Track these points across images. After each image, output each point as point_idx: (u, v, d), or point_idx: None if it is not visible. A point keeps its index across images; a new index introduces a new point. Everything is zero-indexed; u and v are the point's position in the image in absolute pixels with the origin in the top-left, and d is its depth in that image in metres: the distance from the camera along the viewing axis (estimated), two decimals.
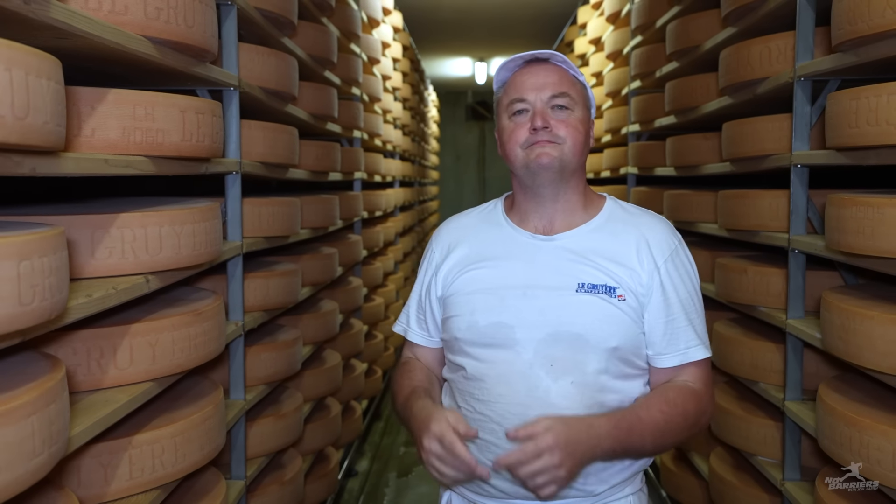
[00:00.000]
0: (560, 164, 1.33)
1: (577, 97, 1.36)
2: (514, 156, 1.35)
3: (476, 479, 1.26)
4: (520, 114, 1.35)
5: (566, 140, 1.33)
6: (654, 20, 3.51)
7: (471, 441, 1.33)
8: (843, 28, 1.73)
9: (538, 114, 1.33)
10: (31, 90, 1.03)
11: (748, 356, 2.39)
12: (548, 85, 1.34)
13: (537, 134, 1.32)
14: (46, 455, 1.05)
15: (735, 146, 2.49)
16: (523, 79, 1.36)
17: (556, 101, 1.33)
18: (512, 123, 1.35)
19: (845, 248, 1.74)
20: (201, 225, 1.68)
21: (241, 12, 2.12)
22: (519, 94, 1.35)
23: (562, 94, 1.33)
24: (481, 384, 1.33)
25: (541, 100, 1.33)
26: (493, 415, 1.31)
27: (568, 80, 1.36)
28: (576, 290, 1.30)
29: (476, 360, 1.34)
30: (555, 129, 1.32)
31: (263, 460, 2.38)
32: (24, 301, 1.00)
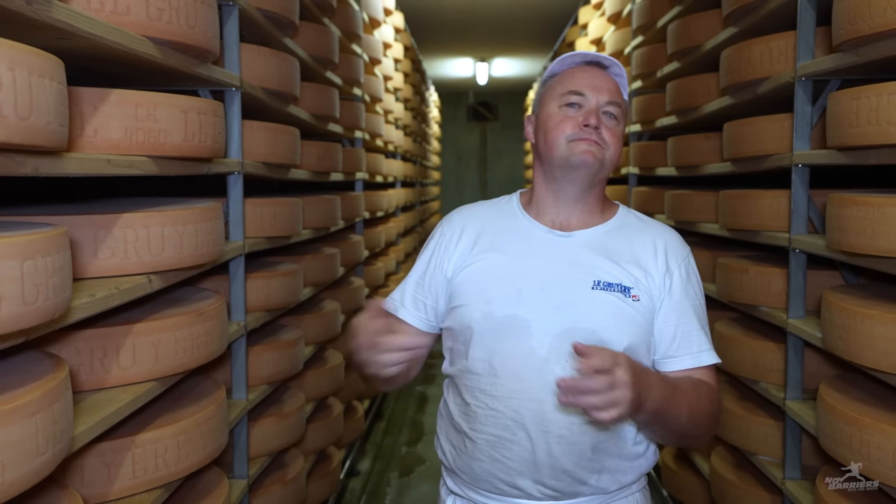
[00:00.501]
0: (599, 167, 1.33)
1: (623, 110, 1.37)
2: (556, 144, 1.33)
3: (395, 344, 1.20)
4: (572, 106, 1.34)
5: (610, 147, 1.33)
6: (655, 20, 3.51)
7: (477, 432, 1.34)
8: (844, 28, 1.74)
9: (593, 112, 1.32)
10: (34, 90, 1.03)
11: (749, 355, 2.39)
12: (606, 90, 1.34)
13: (587, 131, 1.31)
14: (50, 454, 1.06)
15: (736, 146, 2.49)
16: (583, 75, 1.36)
17: (610, 109, 1.33)
18: (561, 113, 1.34)
19: (846, 247, 1.75)
20: (203, 225, 1.69)
21: (243, 13, 2.13)
22: (578, 87, 1.34)
23: (617, 103, 1.34)
24: (494, 379, 1.31)
25: (598, 100, 1.33)
26: (507, 410, 1.30)
27: (619, 92, 1.38)
28: (591, 288, 1.30)
29: (490, 353, 1.32)
30: (603, 132, 1.32)
31: (266, 460, 2.38)
32: (27, 300, 1.00)
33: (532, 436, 1.29)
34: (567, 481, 1.31)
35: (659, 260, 1.34)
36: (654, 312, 1.33)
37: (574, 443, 1.29)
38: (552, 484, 1.31)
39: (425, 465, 4.05)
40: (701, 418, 1.27)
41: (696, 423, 1.26)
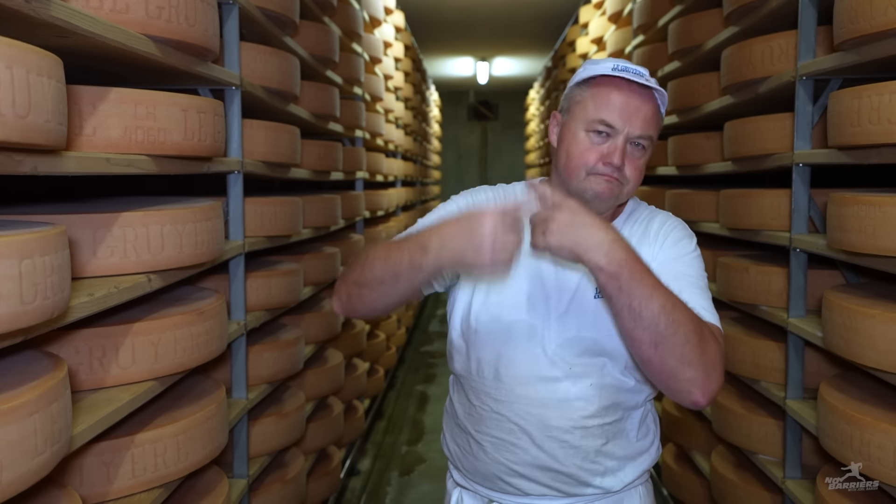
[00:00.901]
0: (615, 201, 1.30)
1: (655, 137, 1.30)
2: (576, 174, 1.28)
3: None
4: (599, 135, 1.27)
5: (629, 181, 1.28)
6: (656, 19, 3.51)
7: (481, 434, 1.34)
8: (846, 27, 1.73)
9: (619, 150, 1.25)
10: (33, 88, 1.03)
11: (749, 355, 2.39)
12: (639, 121, 1.26)
13: (607, 167, 1.26)
14: (49, 454, 1.05)
15: (737, 145, 2.49)
16: (620, 99, 1.26)
17: (640, 141, 1.27)
18: (588, 141, 1.27)
19: (847, 246, 1.74)
20: (203, 224, 1.69)
21: (243, 11, 2.12)
22: (609, 117, 1.26)
23: (648, 136, 1.27)
24: (499, 384, 1.32)
25: (627, 134, 1.26)
26: (511, 415, 1.31)
27: (656, 117, 1.29)
28: (594, 296, 1.29)
29: (495, 358, 1.32)
30: (626, 168, 1.27)
31: (266, 459, 2.38)
32: (25, 300, 1.00)
33: (535, 440, 1.30)
34: (571, 483, 1.33)
35: (660, 238, 1.32)
36: None
37: (577, 447, 1.31)
38: (556, 485, 1.33)
39: (426, 464, 4.04)
40: (681, 318, 1.10)
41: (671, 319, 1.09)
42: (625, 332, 1.14)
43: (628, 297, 1.08)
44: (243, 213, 2.17)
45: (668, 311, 1.09)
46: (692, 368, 1.11)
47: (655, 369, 1.13)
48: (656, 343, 1.10)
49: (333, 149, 3.19)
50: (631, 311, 1.09)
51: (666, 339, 1.09)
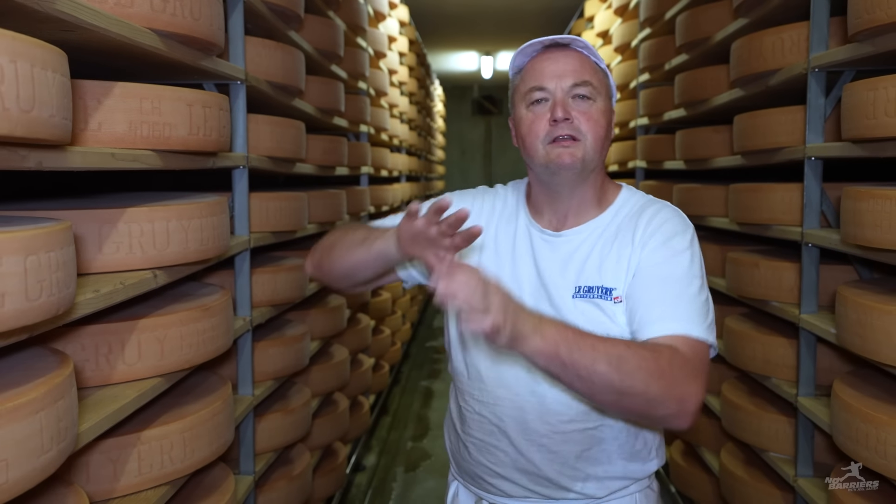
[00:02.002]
0: (582, 164, 1.25)
1: (600, 86, 1.26)
2: (534, 151, 1.27)
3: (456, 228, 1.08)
4: (538, 103, 1.25)
5: (587, 135, 1.24)
6: (664, 12, 3.47)
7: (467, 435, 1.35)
8: (861, 17, 1.70)
9: (559, 104, 1.23)
10: (37, 83, 1.01)
11: (760, 351, 2.37)
12: (569, 72, 1.24)
13: (558, 126, 1.23)
14: (55, 451, 1.04)
15: (747, 139, 2.46)
16: (543, 65, 1.26)
17: (578, 91, 1.24)
18: (531, 114, 1.26)
19: (862, 241, 1.72)
20: (209, 220, 1.67)
21: (248, 5, 2.11)
22: (538, 81, 1.25)
23: (584, 82, 1.24)
24: (481, 385, 1.32)
25: (561, 88, 1.24)
26: (491, 416, 1.31)
27: (590, 66, 1.27)
28: (573, 296, 1.25)
29: (477, 359, 1.32)
30: (576, 121, 1.23)
31: (272, 455, 2.37)
32: (31, 296, 0.99)
33: (515, 443, 1.30)
34: (552, 488, 1.31)
35: (649, 234, 1.24)
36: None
37: (556, 452, 1.29)
38: (537, 489, 1.32)
39: (431, 459, 4.03)
40: (635, 364, 1.06)
41: (623, 370, 1.05)
42: (586, 397, 1.12)
43: (574, 368, 1.04)
44: (249, 209, 2.16)
45: (617, 365, 1.05)
46: (663, 406, 1.09)
47: (632, 416, 1.15)
48: (618, 398, 1.08)
49: (338, 144, 3.17)
50: (581, 380, 1.05)
51: (625, 391, 1.06)
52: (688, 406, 1.10)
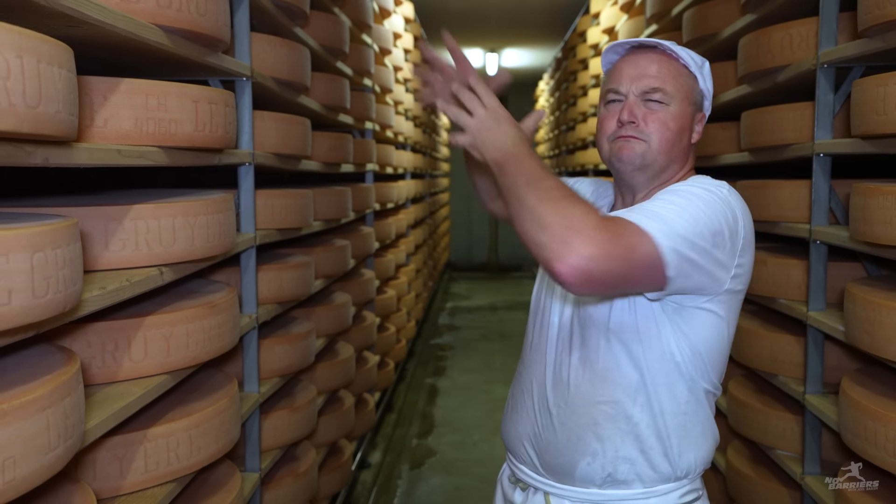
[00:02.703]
0: (642, 161, 1.29)
1: (677, 91, 1.29)
2: (601, 147, 1.34)
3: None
4: (613, 103, 1.32)
5: (652, 136, 1.28)
6: (670, 8, 3.45)
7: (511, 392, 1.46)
8: (871, 12, 1.69)
9: (627, 107, 1.29)
10: (43, 78, 1.01)
11: (767, 349, 2.36)
12: (644, 77, 1.29)
13: (623, 128, 1.29)
14: (62, 449, 1.04)
15: (754, 135, 2.45)
16: (622, 67, 1.32)
17: (650, 96, 1.29)
18: (604, 111, 1.34)
19: (871, 238, 1.71)
20: (215, 217, 1.67)
21: (254, 1, 2.10)
22: (615, 83, 1.32)
23: (655, 89, 1.28)
24: (529, 349, 1.44)
25: (633, 92, 1.29)
26: (526, 378, 1.42)
27: (671, 72, 1.29)
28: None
29: (534, 325, 1.44)
30: (643, 123, 1.28)
31: (278, 453, 2.37)
32: (37, 293, 0.98)
33: (535, 406, 1.37)
34: (560, 460, 1.33)
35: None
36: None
37: (563, 422, 1.33)
38: (548, 459, 1.35)
39: (436, 457, 4.03)
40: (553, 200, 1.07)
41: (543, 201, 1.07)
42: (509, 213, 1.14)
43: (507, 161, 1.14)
44: (254, 206, 2.15)
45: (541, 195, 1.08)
46: (546, 232, 1.05)
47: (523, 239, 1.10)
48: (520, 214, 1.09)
49: (344, 141, 3.16)
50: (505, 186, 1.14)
51: (530, 208, 1.08)
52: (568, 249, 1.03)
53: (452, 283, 10.49)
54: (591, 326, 1.30)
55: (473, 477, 3.73)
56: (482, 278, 10.94)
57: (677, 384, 1.28)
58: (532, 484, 1.38)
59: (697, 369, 1.29)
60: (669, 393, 1.28)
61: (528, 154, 1.15)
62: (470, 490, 3.61)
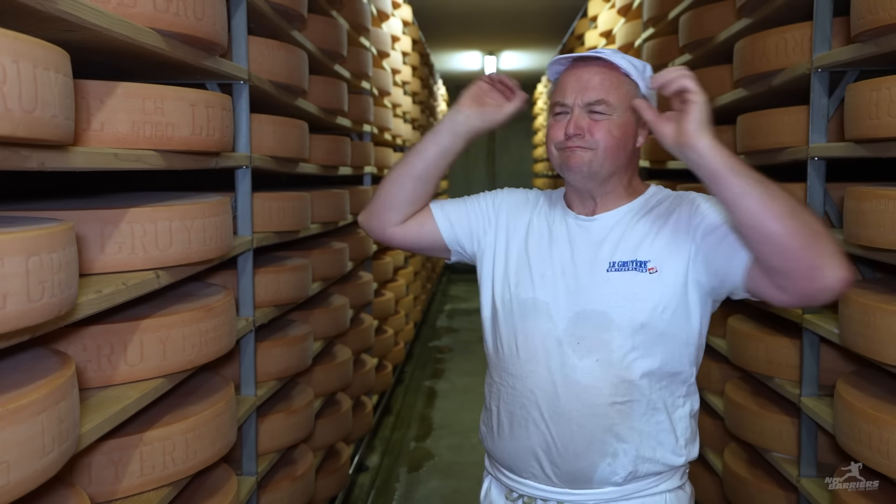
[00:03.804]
0: (589, 169, 1.35)
1: (619, 101, 1.34)
2: (551, 154, 1.39)
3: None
4: (559, 115, 1.37)
5: (598, 144, 1.33)
6: (667, 12, 3.47)
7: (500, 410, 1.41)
8: (864, 17, 1.70)
9: (573, 119, 1.34)
10: (40, 83, 1.01)
11: (763, 351, 2.36)
12: (587, 89, 1.34)
13: (570, 139, 1.34)
14: (56, 453, 1.04)
15: (750, 139, 2.46)
16: (566, 80, 1.38)
17: (596, 108, 1.34)
18: (552, 121, 1.39)
19: (864, 241, 1.71)
20: (211, 220, 1.67)
21: (251, 5, 2.11)
22: (560, 96, 1.38)
23: (599, 101, 1.34)
24: (515, 359, 1.39)
25: (578, 104, 1.34)
26: (523, 390, 1.37)
27: (612, 82, 1.35)
28: (606, 270, 1.34)
29: (513, 334, 1.39)
30: (589, 132, 1.33)
31: (275, 456, 2.37)
32: (32, 297, 0.99)
33: (545, 416, 1.34)
34: (580, 465, 1.34)
35: (683, 215, 1.33)
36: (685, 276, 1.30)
37: (584, 426, 1.32)
38: (566, 468, 1.34)
39: (434, 460, 4.03)
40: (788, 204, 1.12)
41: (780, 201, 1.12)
42: (761, 210, 1.11)
43: (752, 171, 1.13)
44: (251, 209, 2.16)
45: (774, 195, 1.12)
46: (831, 240, 1.12)
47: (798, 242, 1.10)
48: (794, 212, 1.11)
49: (341, 143, 3.17)
50: (761, 183, 1.12)
51: (800, 208, 1.12)
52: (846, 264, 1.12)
53: (451, 285, 10.49)
54: (613, 329, 1.31)
55: (471, 480, 3.73)
56: None
57: (685, 379, 1.37)
58: (540, 496, 1.38)
59: (694, 360, 1.38)
60: (680, 388, 1.37)
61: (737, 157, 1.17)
62: (468, 493, 3.61)
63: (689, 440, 1.38)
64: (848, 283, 1.12)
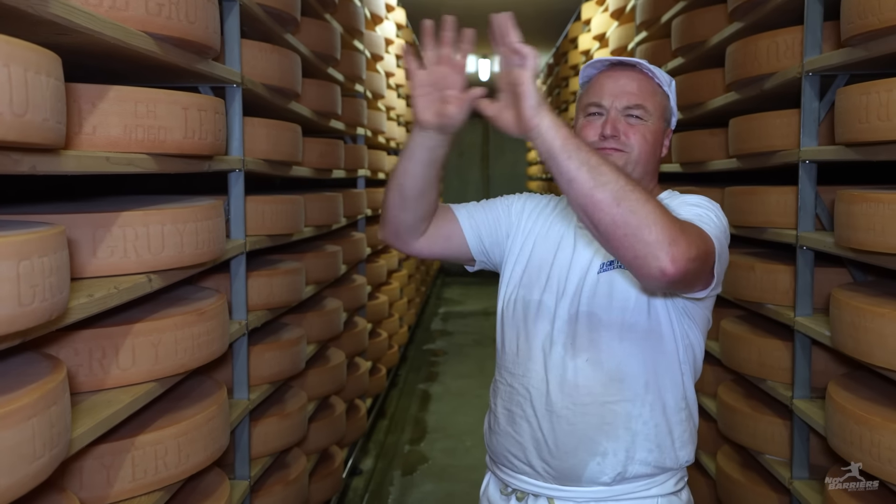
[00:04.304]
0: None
1: (654, 109, 1.37)
2: None
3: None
4: (594, 115, 1.38)
5: (633, 148, 1.35)
6: (660, 15, 3.48)
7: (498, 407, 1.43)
8: (854, 22, 1.71)
9: (610, 121, 1.35)
10: (31, 87, 1.01)
11: (755, 354, 2.37)
12: (626, 94, 1.36)
13: (605, 141, 1.34)
14: (48, 457, 1.04)
15: (742, 142, 2.47)
16: (604, 82, 1.38)
17: (631, 112, 1.35)
18: (585, 121, 1.38)
19: (855, 244, 1.72)
20: (204, 223, 1.67)
21: (244, 8, 2.11)
22: (597, 97, 1.37)
23: (637, 105, 1.35)
24: (515, 359, 1.41)
25: (616, 108, 1.35)
26: (519, 388, 1.39)
27: (649, 90, 1.38)
28: (598, 271, 1.35)
29: (517, 334, 1.41)
30: (624, 136, 1.34)
31: (268, 460, 2.37)
32: (24, 301, 0.98)
33: (538, 413, 1.36)
34: (569, 462, 1.35)
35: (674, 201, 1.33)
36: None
37: (574, 423, 1.34)
38: (555, 464, 1.36)
39: (428, 463, 4.03)
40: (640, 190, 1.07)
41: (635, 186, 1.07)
42: (584, 196, 1.06)
43: (587, 154, 1.07)
44: (244, 212, 2.15)
45: (625, 176, 1.07)
46: (657, 228, 1.04)
47: (619, 232, 1.05)
48: (618, 199, 1.04)
49: (335, 146, 3.17)
50: (590, 168, 1.05)
51: (627, 195, 1.05)
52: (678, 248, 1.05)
53: (445, 288, 10.49)
54: (602, 328, 1.33)
55: (466, 483, 3.73)
56: (475, 283, 10.94)
57: (678, 381, 1.37)
58: (532, 491, 1.40)
59: (689, 366, 1.38)
60: (673, 390, 1.37)
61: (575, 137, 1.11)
62: (462, 496, 3.60)
63: (684, 443, 1.39)
64: (677, 271, 1.05)
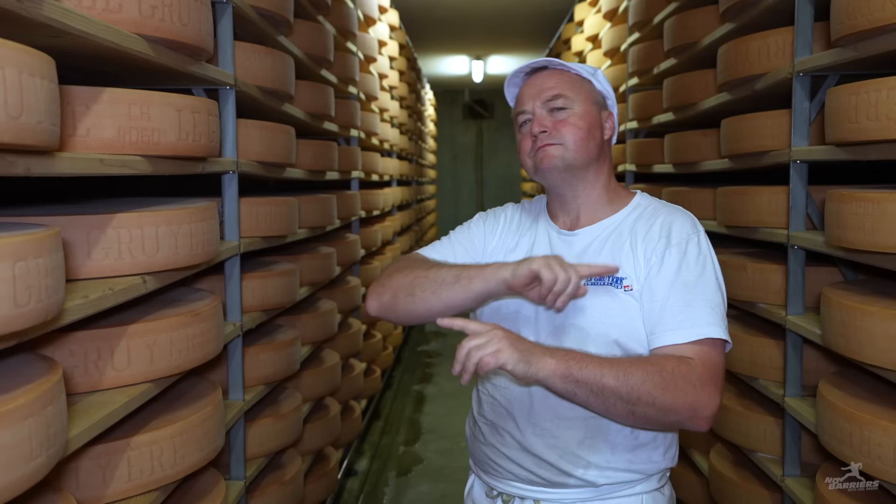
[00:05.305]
0: (563, 163, 1.37)
1: (576, 94, 1.39)
2: (526, 165, 1.41)
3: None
4: (524, 124, 1.41)
5: (566, 137, 1.36)
6: (652, 17, 3.50)
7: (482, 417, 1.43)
8: (843, 23, 1.73)
9: (536, 120, 1.38)
10: (25, 89, 1.01)
11: (747, 353, 2.39)
12: (543, 90, 1.39)
13: (538, 139, 1.37)
14: (44, 458, 1.04)
15: (734, 142, 2.49)
16: (524, 90, 1.43)
17: (552, 104, 1.38)
18: (520, 135, 1.42)
19: (845, 243, 1.74)
20: (198, 225, 1.67)
21: (237, 10, 2.11)
22: (521, 105, 1.42)
23: (555, 96, 1.38)
24: (498, 370, 1.37)
25: (538, 106, 1.39)
26: (502, 400, 1.39)
27: (566, 80, 1.40)
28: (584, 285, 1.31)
29: None
30: (554, 130, 1.36)
31: (263, 461, 2.37)
32: (19, 303, 0.99)
33: (520, 426, 1.37)
34: (553, 472, 1.36)
35: (661, 240, 1.32)
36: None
37: (557, 437, 1.34)
38: (539, 472, 1.36)
39: (423, 464, 4.03)
40: (642, 374, 1.18)
41: (633, 381, 1.18)
42: (603, 414, 1.26)
43: (586, 384, 1.18)
44: (238, 214, 2.16)
45: (624, 379, 1.18)
46: (674, 413, 1.20)
47: (649, 426, 1.28)
48: (630, 408, 1.19)
49: (329, 148, 3.17)
50: (594, 395, 1.19)
51: (634, 401, 1.19)
52: (701, 411, 1.21)
53: None
54: (588, 344, 1.31)
55: (460, 483, 3.71)
56: None
57: None
58: (518, 494, 1.40)
59: None
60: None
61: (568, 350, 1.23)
62: (457, 497, 3.61)
63: (666, 448, 1.39)
64: (713, 417, 1.22)
